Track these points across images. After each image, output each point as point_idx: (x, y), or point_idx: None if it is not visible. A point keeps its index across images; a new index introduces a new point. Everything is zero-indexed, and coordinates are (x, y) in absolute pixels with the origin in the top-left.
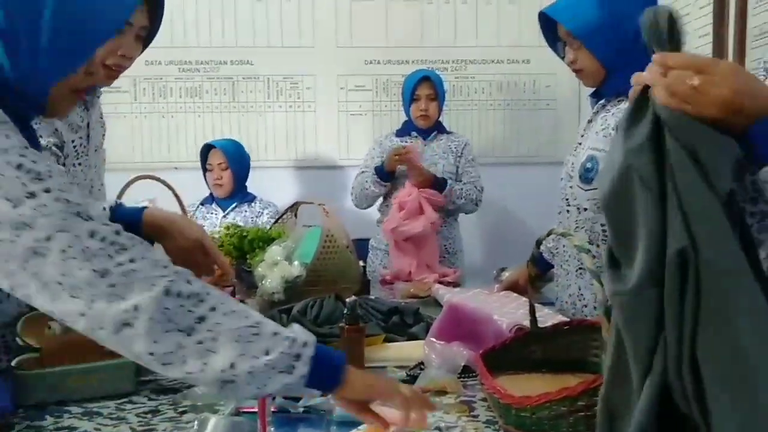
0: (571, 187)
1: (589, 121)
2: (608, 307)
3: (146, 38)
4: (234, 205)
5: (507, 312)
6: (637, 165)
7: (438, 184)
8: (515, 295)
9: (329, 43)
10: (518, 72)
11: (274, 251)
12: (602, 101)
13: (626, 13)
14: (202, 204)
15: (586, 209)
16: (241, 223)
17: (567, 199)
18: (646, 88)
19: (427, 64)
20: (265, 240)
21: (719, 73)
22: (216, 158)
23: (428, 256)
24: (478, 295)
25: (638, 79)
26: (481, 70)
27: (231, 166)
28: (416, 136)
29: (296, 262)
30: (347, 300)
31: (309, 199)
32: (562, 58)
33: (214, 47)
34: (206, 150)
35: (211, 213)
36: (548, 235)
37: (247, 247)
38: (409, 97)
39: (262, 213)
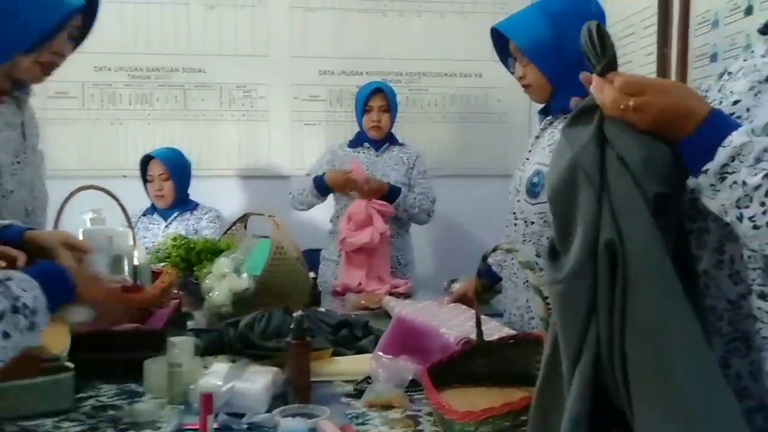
0: (518, 201)
1: (537, 137)
2: (548, 321)
3: (78, 37)
4: (176, 215)
5: (455, 325)
6: (583, 160)
7: (391, 193)
8: (464, 307)
9: (283, 52)
10: (470, 86)
11: (222, 263)
12: (549, 118)
13: (573, 33)
14: (144, 215)
15: (533, 223)
16: (183, 232)
17: (515, 213)
18: None
19: (381, 76)
20: (213, 252)
21: (652, 94)
22: (156, 169)
23: (379, 268)
24: (428, 307)
25: (587, 78)
26: (434, 82)
27: (172, 176)
28: (368, 147)
29: (245, 275)
30: (294, 314)
31: (260, 210)
32: (513, 73)
33: (165, 54)
34: (146, 160)
35: (153, 224)
36: (494, 250)
37: (194, 258)
38: (362, 108)
39: (202, 218)
